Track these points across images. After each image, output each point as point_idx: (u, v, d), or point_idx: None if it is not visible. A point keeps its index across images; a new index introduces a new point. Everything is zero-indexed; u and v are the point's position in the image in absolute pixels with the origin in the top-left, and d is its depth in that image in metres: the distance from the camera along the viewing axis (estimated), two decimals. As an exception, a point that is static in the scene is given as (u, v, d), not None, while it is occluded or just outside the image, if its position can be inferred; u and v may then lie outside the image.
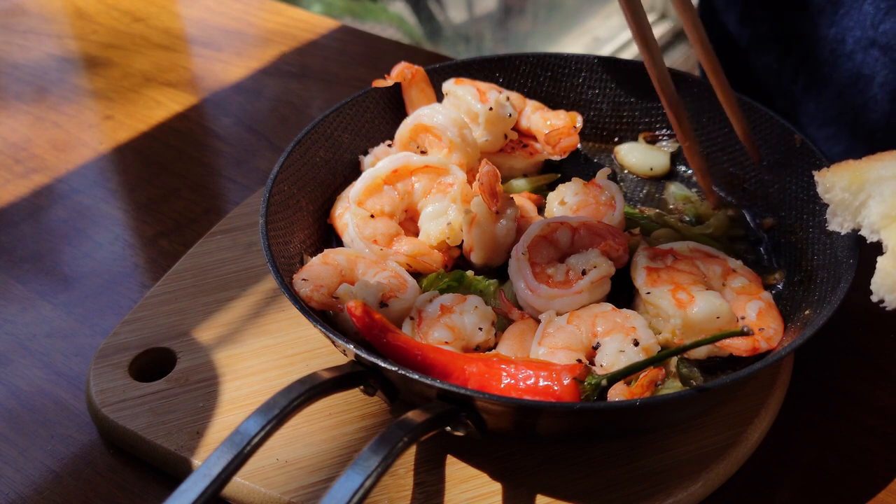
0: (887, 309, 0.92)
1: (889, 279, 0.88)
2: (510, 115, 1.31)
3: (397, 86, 1.35)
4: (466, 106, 1.31)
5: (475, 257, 1.18)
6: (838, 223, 0.97)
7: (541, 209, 1.28)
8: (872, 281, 0.92)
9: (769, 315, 1.10)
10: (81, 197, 1.47)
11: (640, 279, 1.10)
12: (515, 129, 1.37)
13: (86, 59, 1.84)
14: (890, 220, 0.91)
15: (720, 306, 1.06)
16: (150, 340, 1.15)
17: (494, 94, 1.33)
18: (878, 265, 0.92)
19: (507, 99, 1.33)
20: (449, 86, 1.35)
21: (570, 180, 1.27)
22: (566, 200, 1.23)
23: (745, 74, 1.64)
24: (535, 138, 1.37)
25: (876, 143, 1.53)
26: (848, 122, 1.55)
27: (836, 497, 1.02)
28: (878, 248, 0.98)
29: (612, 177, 1.35)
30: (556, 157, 1.35)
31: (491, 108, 1.29)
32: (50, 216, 1.43)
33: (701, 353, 1.07)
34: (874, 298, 0.92)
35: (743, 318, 1.09)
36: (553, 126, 1.35)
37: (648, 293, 1.08)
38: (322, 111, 1.30)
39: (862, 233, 0.94)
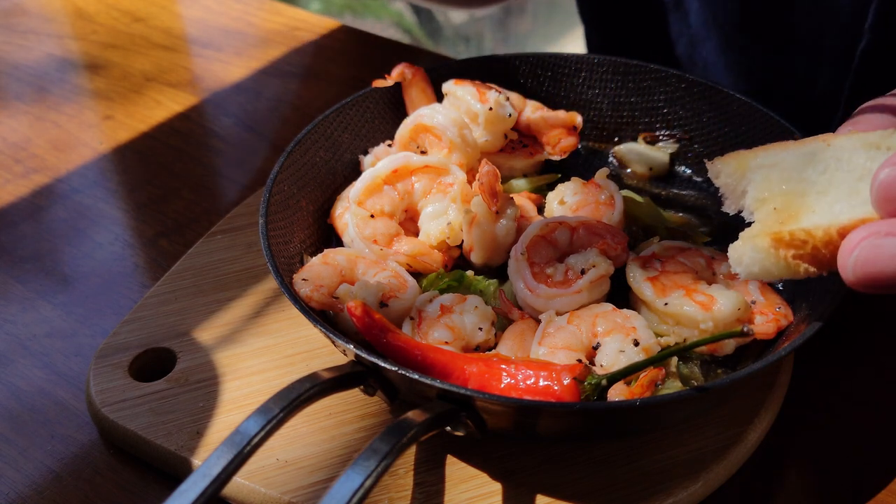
0: (740, 279, 0.97)
1: (735, 252, 0.94)
2: (510, 115, 1.31)
3: (397, 86, 1.35)
4: (466, 106, 1.31)
5: (475, 257, 1.18)
6: (728, 205, 1.02)
7: (541, 209, 1.28)
8: (728, 254, 0.96)
9: (768, 290, 1.13)
10: (81, 197, 1.47)
11: (648, 292, 1.10)
12: (515, 129, 1.37)
13: (86, 59, 1.84)
14: (760, 202, 0.98)
15: (738, 298, 1.07)
16: (150, 340, 1.15)
17: (494, 94, 1.33)
18: (734, 241, 0.96)
19: (507, 99, 1.33)
20: (449, 86, 1.35)
21: (569, 180, 1.27)
22: (566, 200, 1.23)
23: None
24: (535, 138, 1.37)
25: None
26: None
27: (836, 497, 1.02)
28: None
29: (614, 177, 1.35)
30: (556, 157, 1.35)
31: (490, 109, 1.29)
32: (50, 216, 1.43)
33: (730, 346, 1.08)
34: (731, 271, 0.96)
35: (754, 302, 1.09)
36: (552, 126, 1.35)
37: (666, 304, 1.08)
38: (322, 111, 1.29)
39: (743, 214, 0.99)
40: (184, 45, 1.89)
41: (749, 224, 0.97)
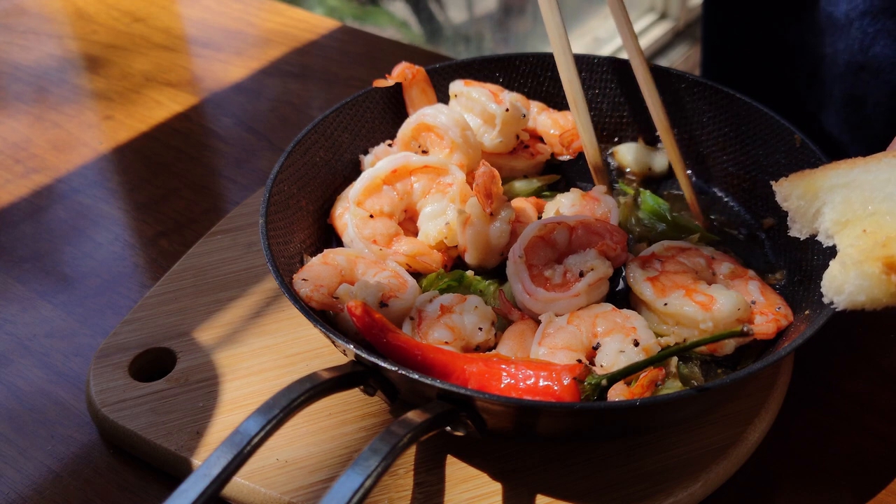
0: (836, 310, 0.94)
1: (835, 282, 0.91)
2: (524, 116, 1.31)
3: (397, 86, 1.35)
4: (482, 107, 1.31)
5: (469, 258, 1.18)
6: (797, 229, 1.00)
7: (541, 216, 1.27)
8: (822, 283, 0.94)
9: (768, 290, 1.13)
10: (81, 197, 1.47)
11: (648, 292, 1.10)
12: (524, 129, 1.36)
13: (86, 60, 1.84)
14: (841, 225, 0.95)
15: (738, 298, 1.07)
16: (150, 340, 1.15)
17: (507, 94, 1.32)
18: (828, 268, 0.94)
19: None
20: (458, 87, 1.34)
21: (569, 181, 1.27)
22: (561, 211, 1.23)
23: (763, 84, 1.64)
24: (540, 139, 1.37)
25: None
26: (848, 139, 1.56)
27: (836, 497, 1.02)
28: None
29: (614, 177, 1.35)
30: (566, 157, 1.35)
31: (507, 109, 1.29)
32: (50, 216, 1.43)
33: (730, 346, 1.08)
34: (825, 300, 0.93)
35: (754, 302, 1.09)
36: (564, 127, 1.35)
37: (666, 304, 1.08)
38: (322, 111, 1.30)
39: (818, 238, 0.97)
40: (184, 45, 1.89)
41: (826, 249, 0.92)
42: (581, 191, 1.25)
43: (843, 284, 0.90)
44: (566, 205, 1.23)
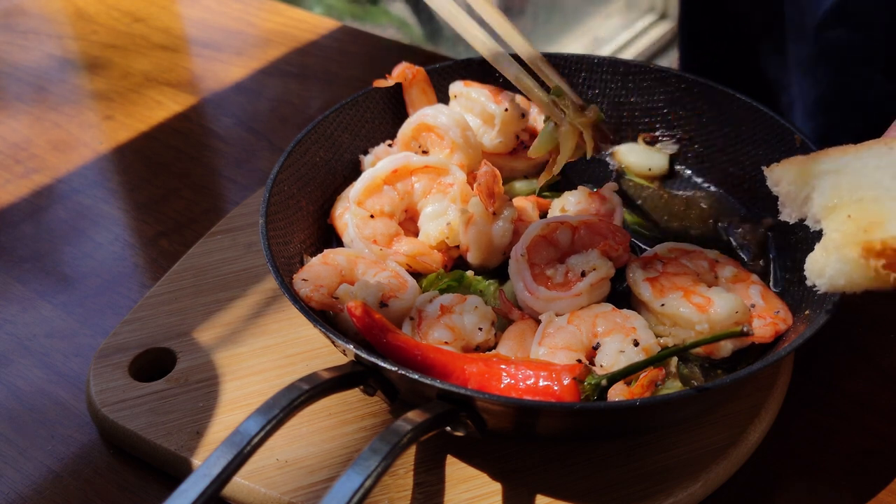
0: (819, 293, 0.95)
1: (817, 265, 0.92)
2: (524, 116, 1.31)
3: (398, 86, 1.35)
4: (481, 107, 1.31)
5: (471, 257, 1.18)
6: (787, 214, 1.01)
7: (544, 216, 1.27)
8: (805, 266, 0.94)
9: (770, 295, 1.12)
10: (81, 197, 1.47)
11: (647, 293, 1.09)
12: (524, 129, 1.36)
13: (86, 60, 1.84)
14: (828, 210, 0.95)
15: (736, 301, 1.07)
16: (150, 340, 1.15)
17: (507, 94, 1.32)
18: (812, 252, 0.94)
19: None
20: (458, 88, 1.34)
21: (569, 181, 1.26)
22: (567, 208, 1.23)
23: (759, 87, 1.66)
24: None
25: None
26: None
27: (836, 497, 1.02)
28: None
29: (617, 179, 1.35)
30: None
31: (506, 109, 1.29)
32: (50, 216, 1.43)
33: (727, 349, 1.08)
34: (808, 283, 0.94)
35: (753, 305, 1.09)
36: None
37: (663, 305, 1.08)
38: (322, 111, 1.29)
39: (807, 223, 0.98)
40: (184, 45, 1.89)
41: (815, 233, 0.94)
42: (588, 189, 1.25)
43: (824, 268, 0.91)
44: (572, 202, 1.23)
